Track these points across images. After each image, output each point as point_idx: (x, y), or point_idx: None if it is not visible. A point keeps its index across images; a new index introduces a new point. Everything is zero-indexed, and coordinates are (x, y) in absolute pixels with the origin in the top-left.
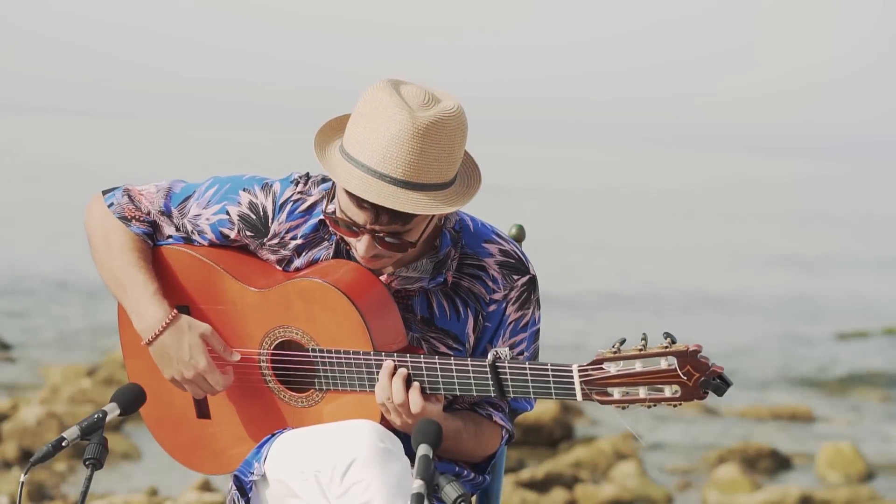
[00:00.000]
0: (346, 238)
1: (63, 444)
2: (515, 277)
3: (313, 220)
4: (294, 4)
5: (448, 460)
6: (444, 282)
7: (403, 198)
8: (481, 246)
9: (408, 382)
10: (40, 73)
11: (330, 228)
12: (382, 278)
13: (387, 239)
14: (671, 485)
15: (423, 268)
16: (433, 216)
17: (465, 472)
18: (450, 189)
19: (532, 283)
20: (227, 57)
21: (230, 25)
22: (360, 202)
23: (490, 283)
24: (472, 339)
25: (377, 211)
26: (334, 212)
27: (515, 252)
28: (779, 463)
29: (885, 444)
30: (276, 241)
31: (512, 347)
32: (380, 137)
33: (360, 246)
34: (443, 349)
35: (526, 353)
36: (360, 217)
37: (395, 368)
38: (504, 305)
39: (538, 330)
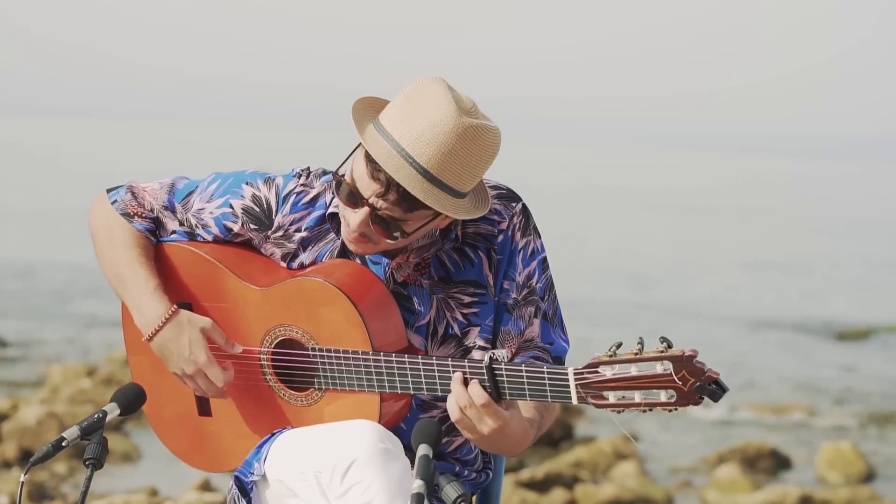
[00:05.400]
0: (342, 209)
1: (63, 444)
2: (513, 204)
3: (317, 213)
4: (294, 4)
5: (448, 461)
6: (455, 237)
7: (417, 184)
8: None
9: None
10: (40, 73)
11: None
12: (398, 259)
13: (382, 219)
14: (671, 485)
15: (432, 233)
16: (432, 220)
17: (466, 472)
18: (460, 201)
19: (526, 210)
20: (227, 57)
21: (230, 25)
22: (374, 172)
23: (494, 217)
24: (491, 279)
25: (388, 186)
26: (343, 175)
27: (502, 184)
28: (779, 463)
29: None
30: (280, 233)
31: (529, 278)
32: (418, 120)
33: (354, 218)
34: (468, 299)
35: (540, 284)
36: (368, 188)
37: (462, 377)
38: (511, 233)
39: (545, 258)
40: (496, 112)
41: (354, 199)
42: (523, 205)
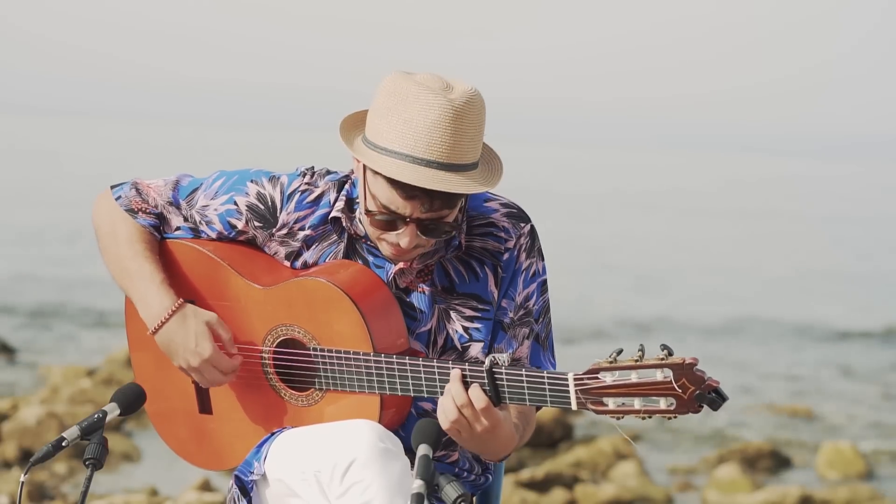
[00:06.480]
0: (380, 234)
1: (63, 444)
2: (522, 224)
3: (321, 211)
4: (294, 4)
5: (450, 462)
6: (458, 245)
7: (453, 180)
8: (483, 206)
9: (465, 384)
10: (40, 73)
11: (345, 225)
12: (401, 265)
13: (431, 226)
14: (671, 485)
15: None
16: (466, 198)
17: (465, 473)
18: (479, 168)
19: (534, 232)
20: (227, 57)
21: (230, 25)
22: (409, 193)
23: (502, 234)
24: (496, 295)
25: (430, 198)
26: (370, 210)
27: (514, 203)
28: (779, 463)
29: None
30: (284, 231)
31: (527, 299)
32: (419, 125)
33: (403, 239)
34: (469, 313)
35: (537, 306)
36: (407, 208)
37: (461, 375)
38: (516, 253)
39: (545, 281)
40: (495, 112)
41: (395, 222)
42: (531, 226)
